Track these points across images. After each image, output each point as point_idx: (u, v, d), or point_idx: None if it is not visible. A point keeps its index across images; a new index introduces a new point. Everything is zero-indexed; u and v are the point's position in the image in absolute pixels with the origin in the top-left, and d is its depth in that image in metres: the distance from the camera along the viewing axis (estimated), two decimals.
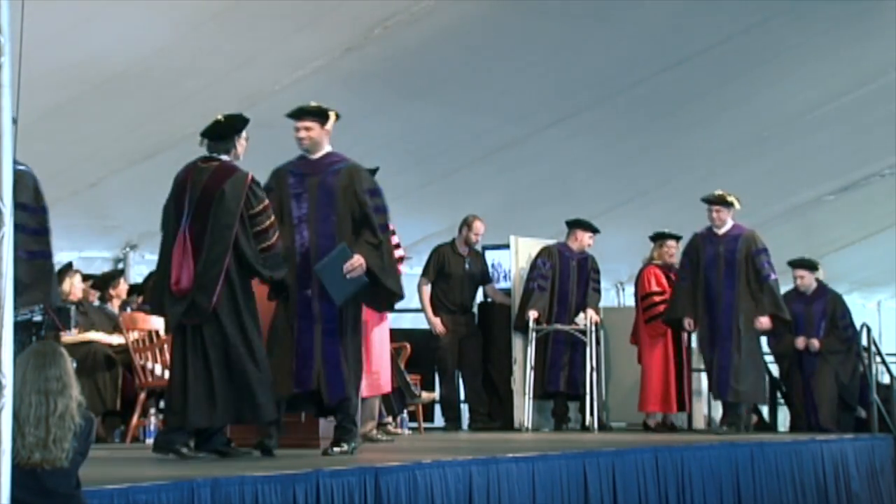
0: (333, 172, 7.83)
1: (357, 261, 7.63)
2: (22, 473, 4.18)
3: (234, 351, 7.29)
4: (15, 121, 3.93)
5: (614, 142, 12.96)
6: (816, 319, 12.17)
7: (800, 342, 12.09)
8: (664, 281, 12.25)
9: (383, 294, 7.91)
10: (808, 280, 12.33)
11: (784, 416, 12.98)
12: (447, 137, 12.12)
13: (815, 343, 12.08)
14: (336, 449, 7.63)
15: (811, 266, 12.38)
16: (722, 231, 11.42)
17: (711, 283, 11.31)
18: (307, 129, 7.86)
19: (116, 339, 10.34)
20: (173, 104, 10.19)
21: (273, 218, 7.50)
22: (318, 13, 9.66)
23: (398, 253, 9.43)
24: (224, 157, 7.51)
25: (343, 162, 7.91)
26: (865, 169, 15.12)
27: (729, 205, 11.38)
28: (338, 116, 7.94)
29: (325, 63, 10.24)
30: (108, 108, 10.14)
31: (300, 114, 7.91)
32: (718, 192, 11.47)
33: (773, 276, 11.31)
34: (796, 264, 12.38)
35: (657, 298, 12.14)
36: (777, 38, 11.49)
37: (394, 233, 9.43)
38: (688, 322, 11.49)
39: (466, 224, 12.23)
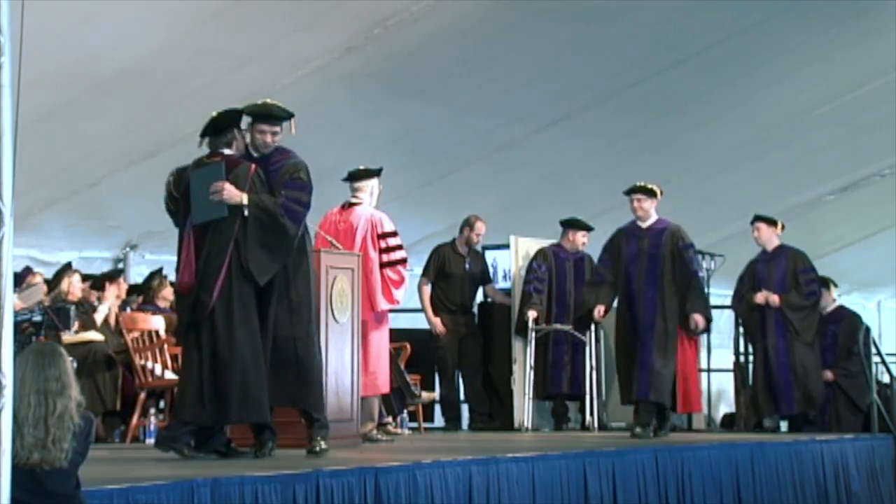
0: (273, 172, 7.55)
1: (221, 186, 7.21)
2: (21, 474, 4.17)
3: (221, 352, 7.28)
4: None
5: (614, 142, 12.96)
6: (777, 276, 11.91)
7: (759, 297, 11.83)
8: None
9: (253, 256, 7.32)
10: (764, 234, 12.05)
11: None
12: (447, 137, 12.12)
13: (775, 298, 11.78)
14: (320, 447, 7.56)
15: (768, 220, 12.15)
16: (646, 224, 10.64)
17: (632, 279, 10.55)
18: (274, 133, 7.63)
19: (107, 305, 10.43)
20: (173, 104, 10.19)
21: None
22: (318, 13, 9.67)
23: (400, 254, 9.42)
24: (226, 151, 7.49)
25: (284, 160, 7.62)
26: (865, 169, 15.11)
27: (650, 193, 10.66)
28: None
29: (325, 63, 10.25)
30: (108, 108, 10.14)
31: (274, 118, 7.64)
32: (640, 182, 10.78)
33: (700, 273, 10.69)
34: (753, 219, 12.18)
35: None
36: (777, 38, 11.50)
37: (395, 234, 9.44)
38: (597, 310, 10.82)
39: (468, 224, 12.22)
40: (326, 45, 10.11)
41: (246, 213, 7.26)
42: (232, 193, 7.25)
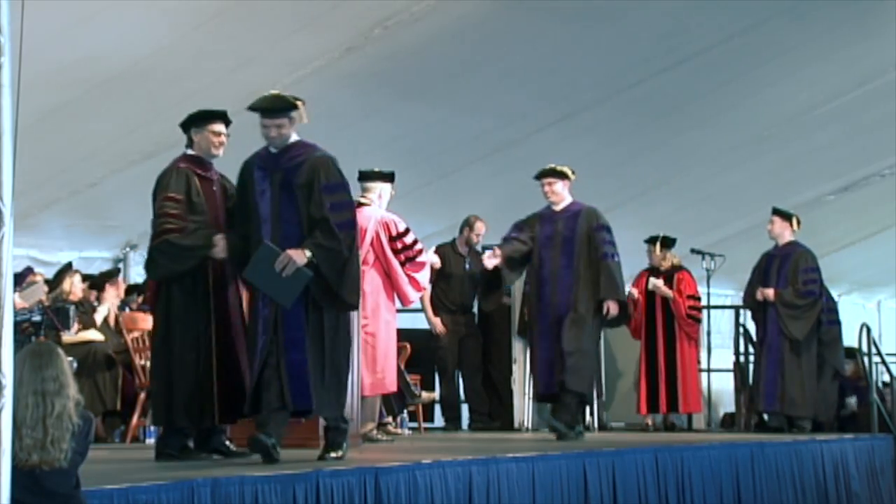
0: (294, 168, 7.25)
1: (285, 258, 6.99)
2: (21, 474, 4.17)
3: (156, 356, 7.50)
4: None
5: (614, 142, 12.95)
6: (782, 272, 11.88)
7: (758, 294, 11.83)
8: (643, 283, 12.48)
9: (335, 298, 7.18)
10: (777, 227, 12.02)
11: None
12: (447, 137, 12.12)
13: (770, 292, 11.74)
14: (332, 455, 7.29)
15: (783, 214, 12.10)
16: (560, 207, 10.22)
17: (546, 263, 10.05)
18: (279, 126, 7.26)
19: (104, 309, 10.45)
20: (173, 104, 10.17)
21: (168, 210, 7.44)
22: (318, 13, 9.67)
23: (417, 248, 9.43)
24: (189, 152, 7.61)
25: (306, 154, 7.27)
26: (865, 169, 15.11)
27: (561, 175, 10.26)
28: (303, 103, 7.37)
29: (325, 63, 10.24)
30: (108, 108, 10.14)
31: (270, 112, 7.26)
32: (550, 165, 10.36)
33: (615, 257, 10.02)
34: (772, 212, 12.15)
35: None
36: (777, 38, 11.49)
37: (408, 231, 9.45)
38: (487, 255, 10.24)
39: (468, 224, 12.23)
40: (326, 45, 10.11)
41: (315, 260, 7.05)
42: (296, 257, 7.02)
